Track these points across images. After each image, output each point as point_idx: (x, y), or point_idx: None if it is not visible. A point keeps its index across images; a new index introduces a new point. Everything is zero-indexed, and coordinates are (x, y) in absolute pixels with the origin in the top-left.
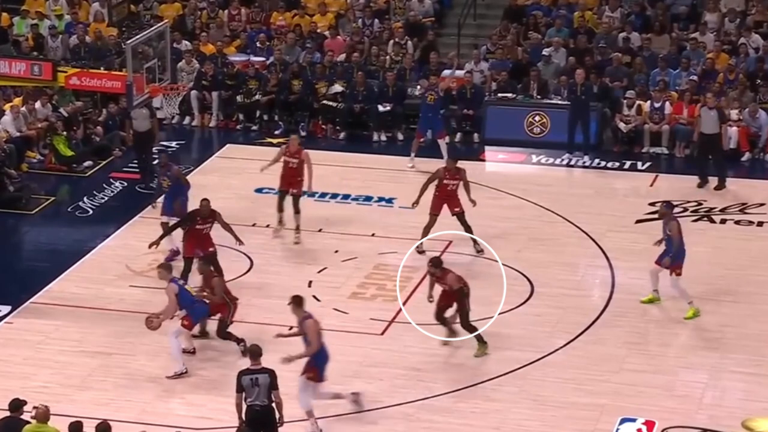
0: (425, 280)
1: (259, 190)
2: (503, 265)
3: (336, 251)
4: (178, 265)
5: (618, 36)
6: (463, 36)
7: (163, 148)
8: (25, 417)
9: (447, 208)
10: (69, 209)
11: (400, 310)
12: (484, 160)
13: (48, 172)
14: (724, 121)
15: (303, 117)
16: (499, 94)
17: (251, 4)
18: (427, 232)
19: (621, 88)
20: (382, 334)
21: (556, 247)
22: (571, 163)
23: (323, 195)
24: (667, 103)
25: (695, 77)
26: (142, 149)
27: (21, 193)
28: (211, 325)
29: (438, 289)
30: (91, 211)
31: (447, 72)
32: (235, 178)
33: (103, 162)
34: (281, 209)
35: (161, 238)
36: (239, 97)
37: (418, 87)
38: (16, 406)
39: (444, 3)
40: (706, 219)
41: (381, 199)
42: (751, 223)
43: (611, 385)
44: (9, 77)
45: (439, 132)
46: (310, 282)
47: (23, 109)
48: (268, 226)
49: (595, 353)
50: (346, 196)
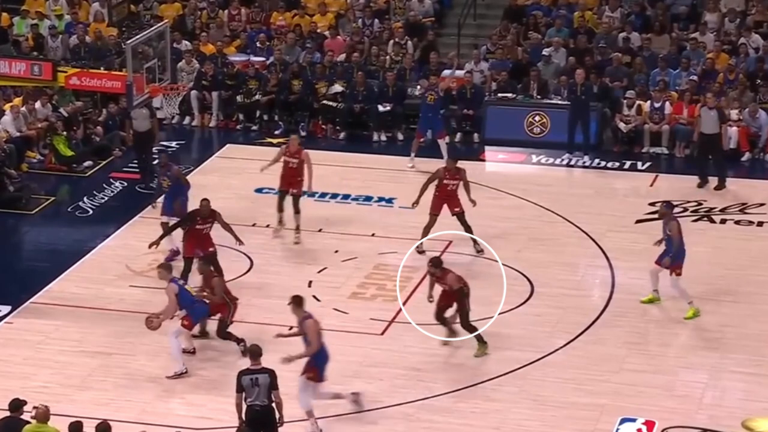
0: (425, 280)
1: (259, 190)
2: (503, 264)
3: (336, 251)
4: (178, 265)
5: (618, 36)
6: (463, 36)
7: (163, 148)
8: (25, 417)
9: (447, 208)
10: (69, 209)
11: (400, 310)
12: (484, 160)
13: (48, 172)
14: (724, 121)
15: (303, 117)
16: (499, 94)
17: (251, 4)
18: (427, 232)
19: (621, 88)
20: (382, 334)
21: (556, 247)
22: (571, 163)
23: (323, 195)
24: (667, 103)
25: (695, 77)
26: (142, 149)
27: (21, 193)
28: (211, 325)
29: (438, 289)
30: (91, 211)
31: (447, 72)
32: (235, 178)
33: (103, 162)
34: (281, 209)
35: (161, 238)
36: (239, 97)
37: (418, 87)
38: (16, 406)
39: (444, 3)
40: (706, 219)
41: (381, 199)
42: (751, 223)
43: (611, 385)
44: (9, 77)
45: (439, 132)
46: (310, 282)
47: (23, 109)
48: (268, 226)
49: (595, 353)
50: (346, 196)
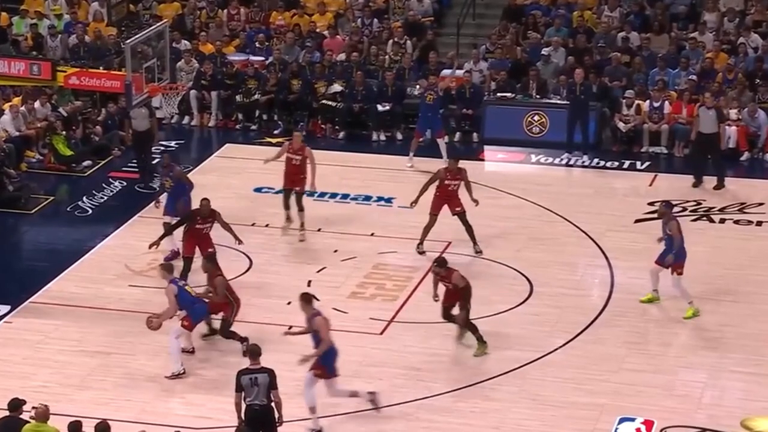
0: (425, 280)
1: (258, 190)
2: (499, 263)
3: (335, 251)
4: (179, 265)
5: (617, 35)
6: (462, 35)
7: (163, 148)
8: (24, 417)
9: (447, 208)
10: (68, 209)
11: (400, 309)
12: (483, 160)
13: (47, 172)
14: (722, 120)
15: (302, 116)
16: (498, 94)
17: (250, 4)
18: (427, 232)
19: (620, 87)
20: (382, 333)
21: (555, 247)
22: (570, 162)
23: (322, 194)
24: (666, 102)
25: (694, 77)
26: (142, 149)
27: (20, 192)
28: (215, 324)
29: (442, 288)
30: (90, 211)
31: (446, 71)
32: (235, 177)
33: (103, 162)
34: (287, 206)
35: (161, 239)
36: (238, 97)
37: (418, 86)
38: (15, 405)
39: (443, 2)
40: (705, 218)
41: (380, 198)
42: (750, 222)
43: (610, 384)
44: (8, 77)
45: (438, 131)
46: (310, 281)
47: (22, 108)
48: (267, 226)
49: (594, 353)
50: (345, 196)
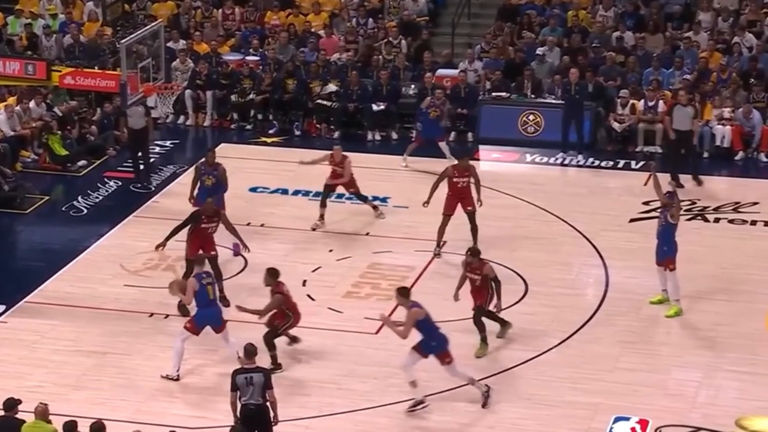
0: (420, 280)
1: (253, 189)
2: (495, 262)
3: (330, 250)
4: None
5: (612, 35)
6: (457, 35)
7: (158, 147)
8: (20, 416)
9: (461, 207)
10: (63, 208)
11: (395, 308)
12: (478, 159)
13: (42, 172)
14: (696, 117)
15: (297, 116)
16: (493, 93)
17: (245, 4)
18: (441, 233)
19: (615, 87)
20: (377, 333)
21: (550, 246)
22: (565, 162)
23: (317, 194)
24: (661, 102)
25: (688, 76)
26: (138, 147)
27: (15, 192)
28: (296, 331)
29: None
30: (85, 211)
31: (441, 72)
32: (230, 177)
33: (98, 161)
34: (324, 204)
35: (168, 239)
36: (233, 97)
37: (427, 99)
38: (11, 405)
39: (438, 2)
40: (700, 218)
41: (375, 198)
42: (744, 222)
43: (605, 383)
44: (3, 76)
45: (439, 138)
46: (305, 281)
47: (17, 108)
48: (262, 225)
49: (589, 352)
50: (340, 195)
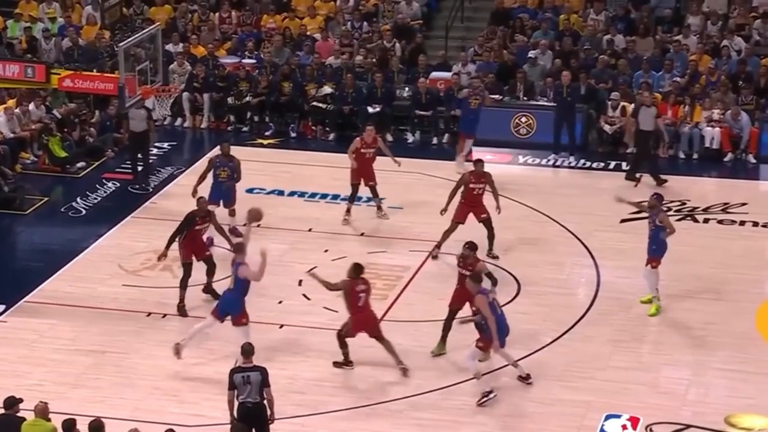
0: (414, 279)
1: (249, 191)
2: (488, 262)
3: (326, 250)
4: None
5: (602, 38)
6: (450, 38)
7: (156, 149)
8: (20, 414)
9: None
10: (62, 209)
11: (390, 308)
12: (471, 161)
13: (42, 173)
14: (659, 116)
15: (293, 118)
16: None
17: (242, 7)
18: (446, 237)
19: (606, 89)
20: None
21: (542, 247)
22: (557, 163)
23: (313, 195)
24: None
25: (678, 79)
26: (138, 149)
27: (15, 193)
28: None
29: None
30: (84, 211)
31: (435, 74)
32: None
33: (96, 163)
34: (353, 200)
35: (167, 248)
36: (230, 99)
37: (464, 90)
38: (11, 403)
39: (431, 6)
40: (689, 218)
41: (370, 199)
42: (733, 222)
43: (597, 382)
44: (2, 79)
45: (472, 134)
46: (300, 281)
47: (17, 110)
48: (258, 226)
49: (580, 351)
50: (335, 196)
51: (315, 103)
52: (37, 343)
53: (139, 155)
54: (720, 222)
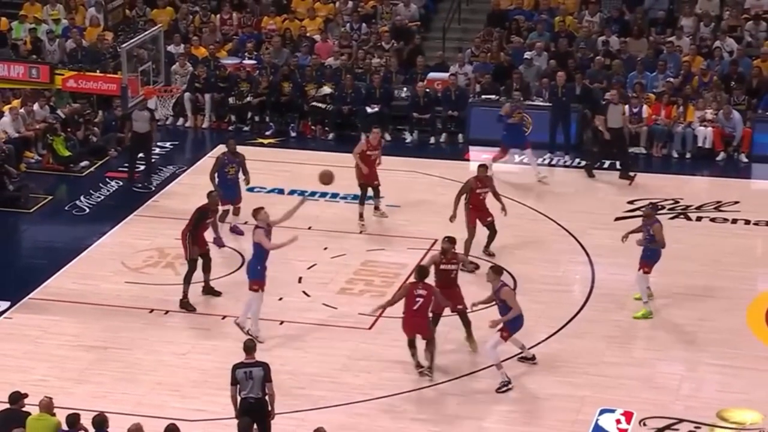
0: (411, 278)
1: (250, 189)
2: (484, 260)
3: (325, 248)
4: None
5: (597, 39)
6: (448, 40)
7: (165, 148)
8: (25, 409)
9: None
10: (66, 208)
11: (388, 305)
12: (468, 160)
13: (46, 172)
14: (625, 114)
15: (293, 118)
16: (483, 96)
17: (242, 9)
18: (468, 246)
19: (601, 89)
20: (370, 328)
21: (538, 244)
22: (553, 162)
23: (313, 193)
24: (645, 105)
25: (671, 79)
26: (141, 149)
27: (20, 192)
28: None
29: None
30: (87, 210)
31: (433, 75)
32: None
33: (100, 162)
34: (363, 202)
35: (188, 251)
36: (231, 99)
37: (507, 105)
38: (16, 398)
39: (429, 8)
40: (682, 216)
41: (369, 197)
42: (725, 220)
43: (591, 377)
44: (7, 80)
45: (524, 143)
46: (300, 278)
47: (22, 110)
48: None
49: (575, 347)
50: (334, 195)
51: (314, 103)
52: (42, 339)
53: (140, 155)
54: (712, 220)
